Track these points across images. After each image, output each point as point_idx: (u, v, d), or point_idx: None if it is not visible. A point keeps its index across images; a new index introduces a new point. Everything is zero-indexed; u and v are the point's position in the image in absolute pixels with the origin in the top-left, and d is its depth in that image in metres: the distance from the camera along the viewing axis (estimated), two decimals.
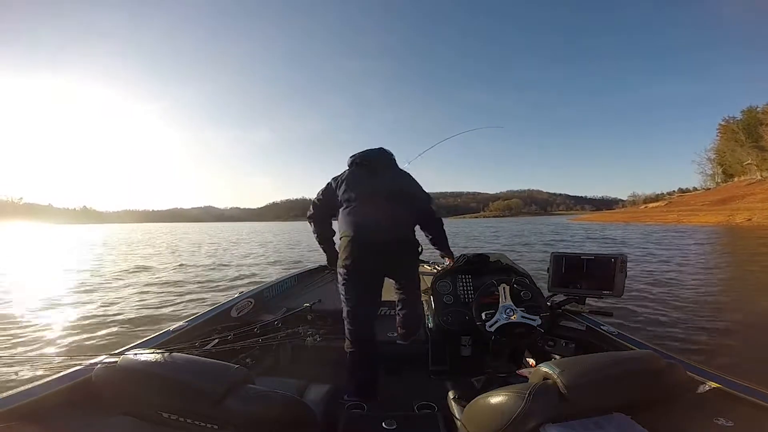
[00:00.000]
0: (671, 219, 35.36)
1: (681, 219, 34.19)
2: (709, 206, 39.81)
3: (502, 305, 1.67)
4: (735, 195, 41.77)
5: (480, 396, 0.93)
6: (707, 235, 18.55)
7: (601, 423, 0.79)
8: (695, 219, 32.52)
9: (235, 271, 9.22)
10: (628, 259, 1.61)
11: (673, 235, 18.48)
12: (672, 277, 6.85)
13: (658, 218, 38.13)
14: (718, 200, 42.40)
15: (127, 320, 4.54)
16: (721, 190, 51.51)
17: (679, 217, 35.41)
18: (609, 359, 0.94)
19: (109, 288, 6.87)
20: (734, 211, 31.30)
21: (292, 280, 3.08)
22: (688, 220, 32.94)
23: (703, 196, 51.35)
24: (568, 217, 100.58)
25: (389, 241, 1.71)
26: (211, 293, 6.35)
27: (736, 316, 4.32)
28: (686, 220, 32.87)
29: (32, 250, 18.30)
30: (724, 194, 45.06)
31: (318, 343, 1.83)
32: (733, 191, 44.75)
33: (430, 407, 1.44)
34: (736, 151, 53.40)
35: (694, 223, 29.95)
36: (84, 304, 5.55)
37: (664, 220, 35.86)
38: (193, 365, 0.93)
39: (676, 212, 40.25)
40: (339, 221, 1.84)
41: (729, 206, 36.14)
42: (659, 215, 41.07)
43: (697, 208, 40.22)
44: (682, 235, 18.43)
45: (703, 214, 33.99)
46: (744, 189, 43.68)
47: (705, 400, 1.05)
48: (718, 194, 47.24)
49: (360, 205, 1.77)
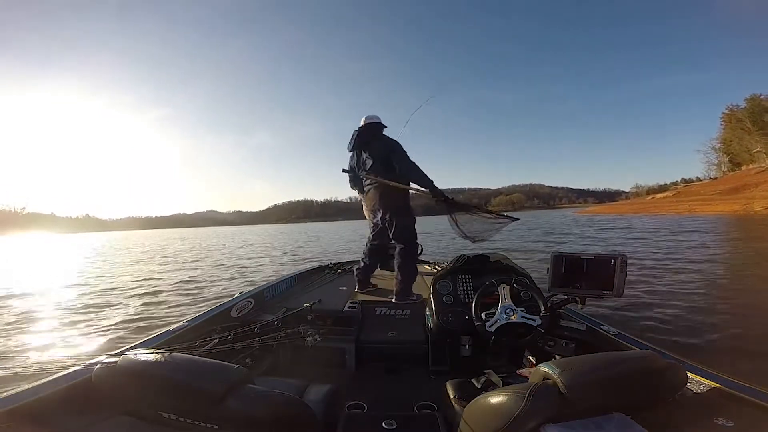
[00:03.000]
0: (683, 209, 34.46)
1: (694, 209, 33.29)
2: (721, 195, 38.82)
3: (502, 305, 1.67)
4: (747, 183, 40.62)
5: (480, 396, 0.94)
6: (730, 226, 17.62)
7: (601, 423, 0.78)
8: (709, 208, 31.63)
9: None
10: (628, 259, 1.57)
11: (708, 225, 17.49)
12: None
13: (669, 209, 37.24)
14: (730, 189, 41.31)
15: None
16: (731, 178, 50.18)
17: (691, 207, 34.52)
18: (609, 359, 0.93)
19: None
20: (750, 200, 30.34)
21: (292, 280, 3.06)
22: (702, 209, 32.04)
23: (712, 186, 50.09)
24: (573, 210, 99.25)
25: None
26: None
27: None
28: (700, 210, 31.98)
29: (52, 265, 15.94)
30: (735, 183, 43.91)
31: (318, 343, 1.81)
32: (744, 179, 43.59)
33: (430, 407, 1.46)
34: (744, 139, 51.99)
35: (708, 213, 29.10)
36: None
37: (676, 210, 34.99)
38: (193, 365, 0.92)
39: (686, 202, 39.32)
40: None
41: (743, 194, 35.14)
42: (669, 206, 40.15)
43: (708, 198, 39.24)
44: (712, 225, 17.46)
45: (716, 204, 33.10)
46: (756, 177, 42.50)
47: (705, 400, 1.05)
48: (729, 183, 46.05)
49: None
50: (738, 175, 50.57)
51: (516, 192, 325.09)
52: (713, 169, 62.27)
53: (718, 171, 60.82)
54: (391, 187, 2.57)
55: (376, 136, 2.66)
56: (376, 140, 2.65)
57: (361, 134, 2.69)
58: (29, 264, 14.90)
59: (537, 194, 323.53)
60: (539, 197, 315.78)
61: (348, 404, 1.45)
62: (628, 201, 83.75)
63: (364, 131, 2.68)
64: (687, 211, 32.89)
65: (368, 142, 2.67)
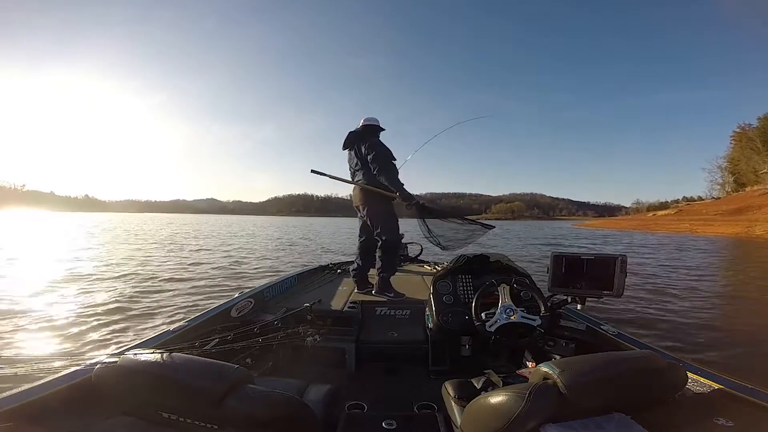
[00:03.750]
0: (684, 228, 34.19)
1: (695, 229, 33.02)
2: (723, 216, 38.53)
3: (502, 305, 1.67)
4: (750, 205, 40.41)
5: (480, 396, 0.94)
6: (733, 250, 17.42)
7: (601, 423, 0.78)
8: (710, 229, 31.28)
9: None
10: (628, 260, 1.55)
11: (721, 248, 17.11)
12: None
13: (670, 227, 37.01)
14: (732, 210, 41.08)
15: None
16: (734, 199, 49.97)
17: (692, 227, 34.26)
18: (609, 359, 0.93)
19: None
20: (753, 223, 30.02)
21: (292, 280, 3.06)
22: (703, 230, 31.72)
23: (715, 206, 49.85)
24: (572, 222, 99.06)
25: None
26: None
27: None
28: (701, 230, 31.66)
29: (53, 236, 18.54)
30: (738, 204, 43.64)
31: (318, 343, 1.79)
32: (748, 201, 43.38)
33: (430, 407, 1.46)
34: (752, 159, 51.66)
35: (709, 234, 28.80)
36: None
37: (677, 229, 34.72)
38: (193, 365, 0.92)
39: (687, 221, 39.03)
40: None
41: (745, 217, 34.86)
42: (670, 224, 39.89)
43: (710, 218, 38.91)
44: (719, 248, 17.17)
45: (718, 225, 32.74)
46: (759, 199, 42.28)
47: (705, 400, 1.05)
48: (732, 203, 45.77)
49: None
50: (741, 195, 50.31)
51: (516, 200, 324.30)
52: (716, 189, 62.13)
53: (721, 191, 60.61)
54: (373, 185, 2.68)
55: (364, 138, 2.76)
56: (362, 141, 2.73)
57: (350, 135, 2.83)
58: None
59: (537, 204, 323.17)
60: (539, 207, 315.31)
61: (348, 404, 1.45)
62: (628, 216, 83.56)
63: (355, 132, 2.82)
64: (688, 230, 32.62)
65: (356, 142, 2.78)
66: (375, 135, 2.80)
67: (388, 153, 2.70)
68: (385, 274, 2.69)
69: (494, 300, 1.71)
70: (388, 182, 2.60)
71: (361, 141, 2.74)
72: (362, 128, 2.82)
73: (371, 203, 2.73)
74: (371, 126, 2.82)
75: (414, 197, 2.64)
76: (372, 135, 2.78)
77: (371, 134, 2.79)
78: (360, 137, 2.77)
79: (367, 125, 2.82)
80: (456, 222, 2.62)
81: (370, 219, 2.76)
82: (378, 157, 2.62)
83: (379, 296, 2.64)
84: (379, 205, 2.72)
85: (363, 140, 2.73)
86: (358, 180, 2.79)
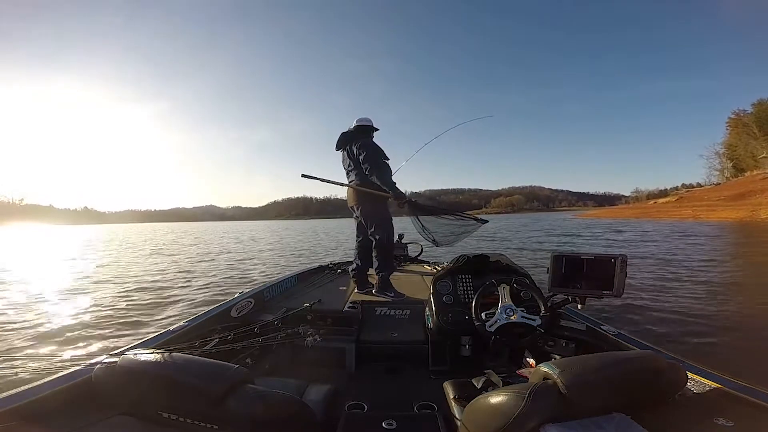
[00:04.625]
0: (687, 215, 34.06)
1: (698, 215, 32.89)
2: (726, 201, 38.26)
3: (502, 305, 1.67)
4: (753, 189, 40.04)
5: (480, 396, 0.94)
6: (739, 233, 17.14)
7: (601, 423, 0.78)
8: (714, 215, 31.18)
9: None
10: (628, 259, 1.54)
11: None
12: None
13: (673, 214, 36.85)
14: (734, 195, 40.75)
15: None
16: (735, 184, 49.54)
17: (695, 213, 34.08)
18: (609, 359, 0.93)
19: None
20: (757, 207, 29.88)
21: (292, 280, 3.05)
22: (706, 216, 31.61)
23: (716, 191, 49.50)
24: (572, 213, 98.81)
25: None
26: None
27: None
28: (704, 216, 31.54)
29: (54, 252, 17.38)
30: (740, 189, 43.24)
31: (318, 343, 1.77)
32: (749, 186, 43.02)
33: (430, 407, 1.45)
34: (750, 145, 51.43)
35: (713, 219, 28.63)
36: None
37: (680, 215, 34.59)
38: (193, 365, 0.92)
39: (690, 207, 38.91)
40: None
41: (748, 201, 34.57)
42: (673, 211, 39.74)
43: (712, 204, 38.69)
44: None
45: (721, 210, 32.63)
46: (761, 183, 41.92)
47: (705, 400, 1.05)
48: (733, 189, 45.38)
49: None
50: (743, 181, 49.99)
51: (516, 194, 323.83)
52: (715, 175, 61.90)
53: (720, 177, 60.38)
54: (366, 186, 2.69)
55: (356, 138, 2.77)
56: (354, 141, 2.74)
57: (343, 135, 2.85)
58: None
59: (537, 196, 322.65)
60: (539, 199, 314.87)
61: (348, 404, 1.46)
62: (629, 205, 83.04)
63: (347, 133, 2.84)
64: (691, 216, 32.48)
65: (349, 143, 2.79)
66: (367, 135, 2.82)
67: (380, 152, 2.71)
68: (384, 273, 2.70)
69: (494, 300, 1.71)
70: (380, 181, 2.61)
71: (353, 141, 2.76)
72: (355, 128, 2.83)
73: (365, 203, 2.76)
74: (364, 126, 2.84)
75: (406, 196, 2.65)
76: (364, 135, 2.80)
77: (363, 134, 2.80)
78: (352, 137, 2.79)
79: (360, 125, 2.83)
80: (449, 218, 2.64)
81: (364, 219, 2.79)
82: (369, 157, 2.64)
83: (379, 296, 2.64)
84: (373, 204, 2.74)
85: (355, 140, 2.75)
86: (351, 180, 2.81)
